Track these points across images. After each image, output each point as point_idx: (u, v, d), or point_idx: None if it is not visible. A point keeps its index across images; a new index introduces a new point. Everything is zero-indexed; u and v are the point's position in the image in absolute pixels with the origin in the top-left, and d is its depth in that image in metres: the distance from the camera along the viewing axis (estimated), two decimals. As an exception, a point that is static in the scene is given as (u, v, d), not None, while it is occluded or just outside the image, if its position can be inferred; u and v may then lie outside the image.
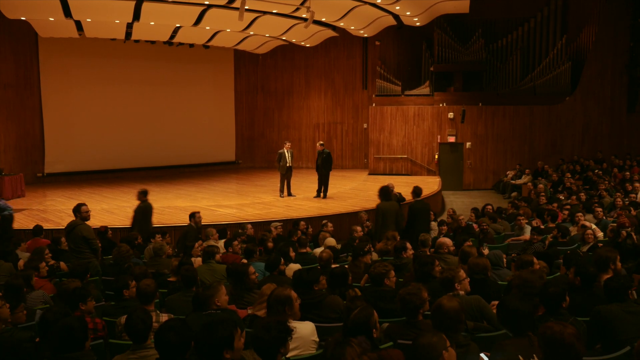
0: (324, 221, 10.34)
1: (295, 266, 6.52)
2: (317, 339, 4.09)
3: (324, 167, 15.06)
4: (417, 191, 9.66)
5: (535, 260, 5.61)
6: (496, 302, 4.26)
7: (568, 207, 11.09)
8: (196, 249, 8.22)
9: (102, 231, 9.34)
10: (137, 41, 19.18)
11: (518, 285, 4.47)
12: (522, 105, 19.52)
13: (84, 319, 3.92)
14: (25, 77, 18.49)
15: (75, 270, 5.95)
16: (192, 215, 9.49)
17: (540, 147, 19.41)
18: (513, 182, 18.28)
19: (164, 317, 4.49)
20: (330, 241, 8.26)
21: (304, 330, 4.04)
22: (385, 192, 9.38)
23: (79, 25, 16.15)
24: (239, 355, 3.06)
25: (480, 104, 19.80)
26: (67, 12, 14.27)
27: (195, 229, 9.33)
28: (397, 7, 15.23)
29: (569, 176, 16.46)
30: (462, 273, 4.82)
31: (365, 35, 19.12)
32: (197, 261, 7.11)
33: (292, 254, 6.75)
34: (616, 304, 3.99)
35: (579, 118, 19.18)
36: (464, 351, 3.36)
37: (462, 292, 4.66)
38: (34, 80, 18.76)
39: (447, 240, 6.74)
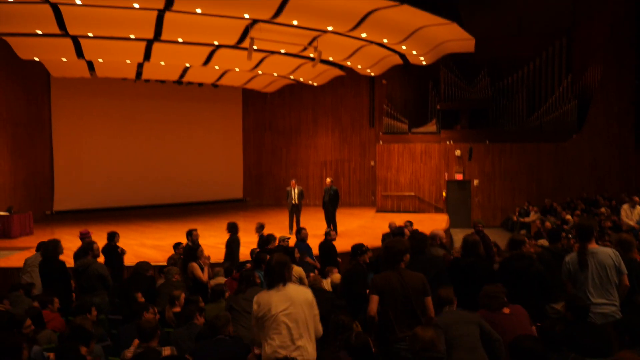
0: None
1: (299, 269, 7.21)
2: (314, 308, 4.14)
3: (330, 204, 15.04)
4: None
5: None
6: None
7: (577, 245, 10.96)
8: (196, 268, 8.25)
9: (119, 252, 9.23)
10: (147, 81, 19.52)
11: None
12: (529, 142, 19.55)
13: None
14: (36, 116, 18.76)
15: (81, 306, 5.93)
16: (189, 234, 9.46)
17: (548, 184, 19.34)
18: (522, 219, 18.16)
19: (167, 351, 4.49)
20: (336, 277, 8.18)
21: (300, 295, 4.10)
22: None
23: (90, 65, 16.48)
24: None
25: (487, 142, 19.85)
26: (80, 53, 14.58)
27: (191, 248, 9.24)
28: (404, 47, 15.45)
29: (578, 213, 16.33)
30: None
31: (372, 74, 19.36)
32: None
33: (258, 280, 6.80)
34: None
35: (586, 155, 19.15)
36: None
37: None
38: (45, 118, 19.04)
39: (440, 232, 6.99)
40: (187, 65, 16.98)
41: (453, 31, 14.63)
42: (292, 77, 19.44)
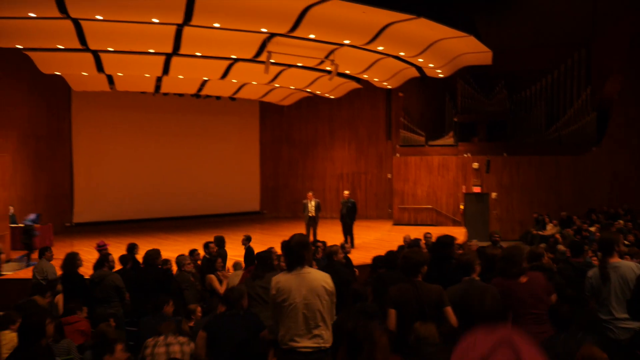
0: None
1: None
2: (333, 295, 4.13)
3: (348, 217, 15.02)
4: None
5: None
6: None
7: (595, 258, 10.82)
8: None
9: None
10: (165, 94, 19.73)
11: None
12: (547, 155, 19.38)
13: None
14: (57, 129, 19.05)
15: (99, 316, 6.06)
16: (206, 246, 9.51)
17: (567, 197, 19.12)
18: (540, 233, 17.95)
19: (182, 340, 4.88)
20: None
21: (318, 280, 4.08)
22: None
23: (110, 79, 16.72)
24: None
25: (505, 154, 19.71)
26: (100, 67, 14.80)
27: (209, 260, 9.28)
28: (421, 60, 15.45)
29: (599, 227, 16.11)
30: None
31: (389, 86, 19.38)
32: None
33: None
34: None
35: (606, 168, 18.92)
36: None
37: None
38: (66, 132, 19.32)
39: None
40: (205, 78, 17.14)
41: (470, 44, 14.60)
42: (308, 90, 19.52)
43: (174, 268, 8.50)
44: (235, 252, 14.38)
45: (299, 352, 3.90)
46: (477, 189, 19.81)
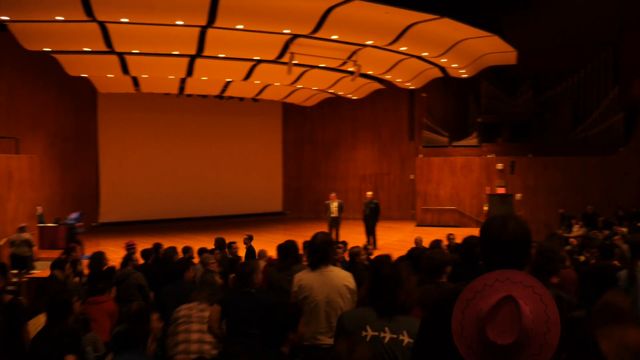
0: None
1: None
2: (354, 294, 4.08)
3: (371, 218, 14.98)
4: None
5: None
6: None
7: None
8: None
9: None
10: (189, 95, 19.93)
11: None
12: (573, 156, 19.07)
13: None
14: (84, 131, 19.36)
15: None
16: (229, 246, 9.53)
17: (594, 199, 18.78)
18: (566, 235, 17.66)
19: None
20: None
21: (341, 280, 4.05)
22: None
23: (135, 81, 16.95)
24: (299, 339, 3.12)
25: (529, 155, 19.46)
26: (125, 69, 15.01)
27: (232, 260, 9.33)
28: (444, 60, 15.36)
29: (626, 230, 15.80)
30: None
31: (412, 87, 19.29)
32: None
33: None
34: None
35: (634, 169, 18.54)
36: None
37: None
38: (92, 133, 19.63)
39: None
40: (229, 80, 17.26)
41: (494, 43, 14.48)
42: (331, 91, 19.54)
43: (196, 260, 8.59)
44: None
45: (322, 348, 3.91)
46: (501, 190, 19.58)
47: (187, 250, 8.71)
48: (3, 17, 11.17)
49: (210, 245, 10.39)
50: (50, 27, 11.73)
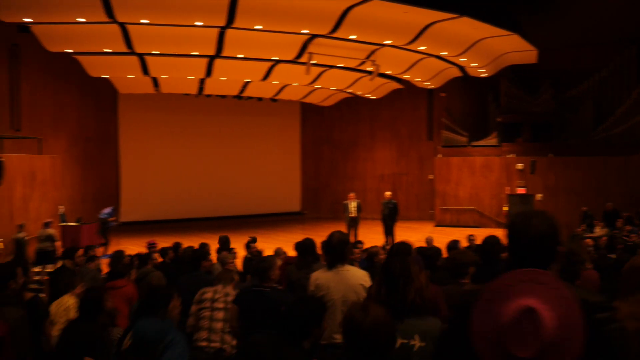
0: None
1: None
2: (369, 285, 4.02)
3: (389, 218, 14.94)
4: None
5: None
6: None
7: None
8: None
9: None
10: (208, 96, 20.06)
11: None
12: (595, 156, 18.80)
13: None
14: (105, 131, 19.60)
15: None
16: (247, 246, 9.55)
17: (616, 199, 18.48)
18: (588, 235, 17.42)
19: None
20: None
21: (357, 279, 4.03)
22: None
23: (155, 81, 17.10)
24: (320, 335, 3.08)
25: (550, 155, 19.25)
26: (145, 70, 15.16)
27: (251, 259, 9.33)
28: (463, 59, 15.25)
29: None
30: None
31: (431, 86, 19.19)
32: None
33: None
34: None
35: (658, 169, 18.27)
36: None
37: None
38: (113, 133, 19.87)
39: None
40: (247, 80, 17.34)
41: (514, 42, 14.34)
42: (349, 90, 19.52)
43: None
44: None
45: (338, 346, 3.91)
46: (521, 190, 19.39)
47: (203, 245, 8.75)
48: (26, 19, 11.35)
49: (232, 245, 10.42)
50: (72, 28, 11.89)
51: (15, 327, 3.86)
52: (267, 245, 15.98)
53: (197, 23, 11.61)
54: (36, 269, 11.18)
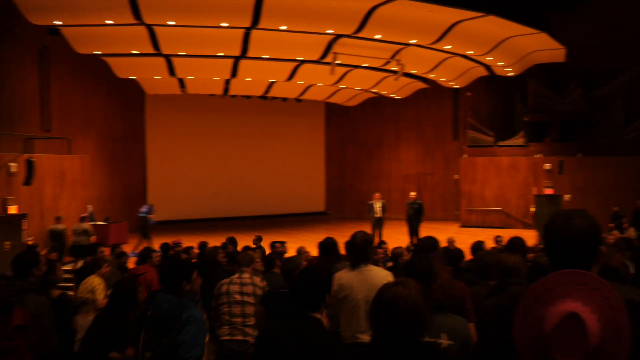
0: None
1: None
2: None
3: (414, 218, 14.86)
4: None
5: None
6: None
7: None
8: None
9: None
10: (233, 96, 20.21)
11: None
12: (626, 156, 18.42)
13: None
14: (132, 132, 19.87)
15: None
16: (272, 245, 9.58)
17: (648, 200, 18.12)
18: (620, 235, 17.07)
19: None
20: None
21: (380, 279, 3.92)
22: None
23: (181, 82, 17.28)
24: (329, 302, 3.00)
25: (579, 155, 18.92)
26: (172, 71, 15.33)
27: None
28: (490, 58, 15.09)
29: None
30: None
31: (456, 86, 19.03)
32: None
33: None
34: None
35: (691, 169, 17.82)
36: None
37: None
38: (140, 133, 20.14)
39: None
40: (272, 80, 17.41)
41: (542, 41, 14.14)
42: (374, 90, 19.46)
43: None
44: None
45: (362, 345, 3.90)
46: (549, 191, 19.10)
47: (232, 240, 8.84)
48: (56, 22, 11.58)
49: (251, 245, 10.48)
50: (100, 30, 12.09)
51: (38, 314, 3.85)
52: (291, 245, 16.03)
53: (222, 24, 11.70)
54: (67, 267, 11.39)
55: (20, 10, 10.88)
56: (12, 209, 12.21)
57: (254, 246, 10.44)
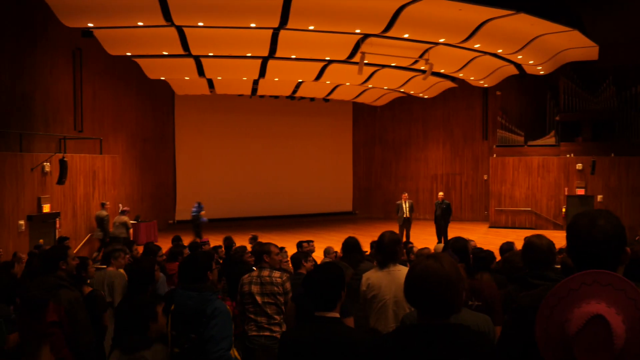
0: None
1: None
2: None
3: (442, 219, 14.75)
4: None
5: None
6: None
7: None
8: None
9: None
10: (262, 96, 20.33)
11: None
12: (661, 155, 18.00)
13: None
14: (162, 132, 20.15)
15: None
16: (299, 245, 9.62)
17: (684, 201, 17.68)
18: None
19: None
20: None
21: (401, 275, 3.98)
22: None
23: (210, 83, 17.45)
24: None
25: (612, 155, 18.53)
26: (201, 72, 15.48)
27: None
28: (520, 57, 14.88)
29: None
30: None
31: (486, 85, 18.81)
32: None
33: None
34: None
35: None
36: None
37: None
38: (169, 134, 20.40)
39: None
40: (300, 80, 17.46)
41: (574, 38, 13.88)
42: (402, 90, 19.36)
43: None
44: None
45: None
46: (580, 191, 18.77)
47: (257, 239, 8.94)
48: (89, 24, 11.80)
49: (280, 244, 10.52)
50: (131, 32, 12.28)
51: (70, 309, 3.92)
52: (318, 245, 16.04)
53: (251, 25, 11.77)
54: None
55: (54, 13, 11.12)
56: (46, 208, 12.46)
57: (251, 245, 10.51)
